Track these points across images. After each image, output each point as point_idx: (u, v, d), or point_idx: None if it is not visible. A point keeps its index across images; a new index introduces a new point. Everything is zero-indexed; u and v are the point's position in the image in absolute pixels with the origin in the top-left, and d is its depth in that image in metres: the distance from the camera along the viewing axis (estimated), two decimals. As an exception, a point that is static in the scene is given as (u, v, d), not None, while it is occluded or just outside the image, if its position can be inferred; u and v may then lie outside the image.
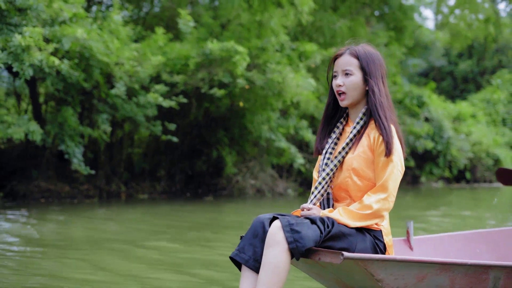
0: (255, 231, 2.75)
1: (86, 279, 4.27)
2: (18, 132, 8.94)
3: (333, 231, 2.73)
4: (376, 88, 2.88)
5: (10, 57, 8.36)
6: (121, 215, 9.18)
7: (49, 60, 8.55)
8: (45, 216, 8.60)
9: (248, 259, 2.70)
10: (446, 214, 9.96)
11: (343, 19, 15.78)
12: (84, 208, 9.95)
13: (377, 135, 2.85)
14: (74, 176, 11.74)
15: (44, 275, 4.37)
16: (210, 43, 10.78)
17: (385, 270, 2.68)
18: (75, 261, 4.99)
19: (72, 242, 6.25)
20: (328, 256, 2.65)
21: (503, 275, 2.92)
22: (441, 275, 2.79)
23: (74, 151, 9.98)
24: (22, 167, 11.72)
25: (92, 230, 7.16)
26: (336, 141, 3.00)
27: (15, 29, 8.78)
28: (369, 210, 2.78)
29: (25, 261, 5.05)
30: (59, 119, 10.04)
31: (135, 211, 9.75)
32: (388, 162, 2.81)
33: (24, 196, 10.99)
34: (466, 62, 30.35)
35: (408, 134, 17.45)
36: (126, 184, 12.45)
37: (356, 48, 2.93)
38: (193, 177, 13.29)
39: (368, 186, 2.87)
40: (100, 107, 10.48)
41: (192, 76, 10.98)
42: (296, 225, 2.65)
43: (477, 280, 2.87)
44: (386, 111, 2.88)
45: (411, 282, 2.75)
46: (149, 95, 10.30)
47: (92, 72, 10.00)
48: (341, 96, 2.92)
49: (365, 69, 2.89)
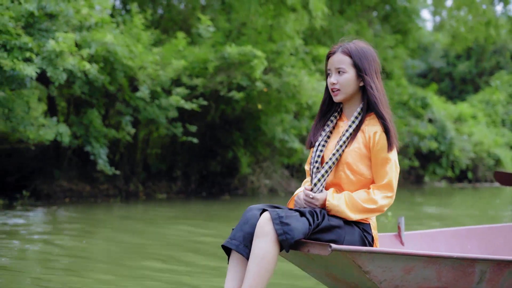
0: (245, 220, 2.80)
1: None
2: (49, 134, 9.26)
3: (323, 224, 2.78)
4: (372, 84, 2.92)
5: (44, 62, 8.69)
6: (161, 213, 9.49)
7: (81, 64, 8.88)
8: (91, 215, 8.95)
9: (238, 244, 2.74)
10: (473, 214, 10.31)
11: (350, 23, 16.17)
12: (120, 207, 10.28)
13: (372, 133, 2.90)
14: (94, 176, 12.07)
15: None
16: (229, 47, 11.14)
17: (373, 262, 2.71)
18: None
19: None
20: (316, 248, 2.70)
21: (489, 268, 2.95)
22: (428, 268, 2.82)
23: (100, 152, 10.31)
24: (42, 167, 12.05)
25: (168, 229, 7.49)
26: (329, 135, 3.04)
27: (46, 35, 9.11)
28: (374, 205, 2.84)
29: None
30: (85, 121, 10.37)
31: (174, 209, 10.13)
32: (388, 159, 2.87)
33: (47, 195, 11.31)
34: (464, 64, 30.82)
35: (413, 135, 17.87)
36: (143, 184, 12.79)
37: (348, 45, 2.95)
38: (207, 177, 13.64)
39: (361, 180, 2.92)
40: (123, 109, 10.81)
41: (211, 79, 11.33)
42: (285, 217, 2.69)
43: (463, 273, 2.90)
44: (385, 107, 2.94)
45: (398, 274, 2.78)
46: (171, 97, 10.64)
47: (116, 76, 10.33)
48: (335, 92, 2.95)
49: (358, 66, 2.92)
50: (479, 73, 30.74)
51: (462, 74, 30.80)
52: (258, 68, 10.95)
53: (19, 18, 8.93)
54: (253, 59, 10.91)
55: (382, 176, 2.87)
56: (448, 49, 27.50)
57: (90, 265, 4.94)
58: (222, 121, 13.00)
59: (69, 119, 10.84)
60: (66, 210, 9.34)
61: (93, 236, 6.83)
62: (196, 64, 11.39)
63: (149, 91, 10.38)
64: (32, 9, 8.86)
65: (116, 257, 5.35)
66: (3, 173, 12.09)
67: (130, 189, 12.36)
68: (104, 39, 9.27)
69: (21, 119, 8.96)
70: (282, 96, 11.89)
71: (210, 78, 11.34)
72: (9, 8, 8.87)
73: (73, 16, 9.30)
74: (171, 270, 4.74)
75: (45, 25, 9.33)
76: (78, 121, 10.43)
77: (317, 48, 12.50)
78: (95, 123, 10.33)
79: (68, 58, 8.63)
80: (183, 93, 10.90)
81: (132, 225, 7.85)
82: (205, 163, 13.44)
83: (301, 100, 11.57)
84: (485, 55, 30.48)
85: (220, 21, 12.46)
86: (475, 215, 9.95)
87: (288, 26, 11.74)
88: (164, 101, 10.71)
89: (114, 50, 9.88)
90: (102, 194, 11.92)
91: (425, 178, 19.48)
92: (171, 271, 4.70)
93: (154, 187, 12.98)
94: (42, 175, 11.81)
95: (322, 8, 12.05)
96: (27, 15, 8.95)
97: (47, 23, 9.35)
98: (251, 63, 10.94)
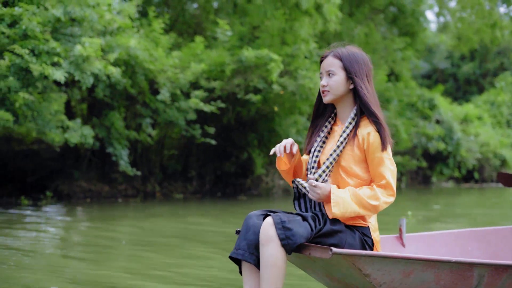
0: (247, 227, 2.85)
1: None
2: (74, 136, 9.51)
3: (324, 229, 2.83)
4: (362, 85, 2.96)
5: (72, 66, 8.94)
6: (193, 211, 9.76)
7: (107, 69, 9.13)
8: (124, 214, 9.21)
9: (243, 253, 2.80)
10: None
11: (360, 25, 16.43)
12: (145, 206, 10.54)
13: (365, 134, 2.93)
14: (112, 176, 12.33)
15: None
16: (246, 50, 11.39)
17: (372, 265, 2.75)
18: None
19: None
20: (318, 251, 2.76)
21: (487, 272, 2.98)
22: (427, 271, 2.86)
23: (121, 153, 10.56)
24: (60, 168, 12.30)
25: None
26: (324, 140, 3.07)
27: (72, 39, 9.36)
28: (377, 202, 2.86)
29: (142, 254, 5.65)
30: (106, 123, 10.62)
31: (204, 207, 10.38)
32: (384, 159, 2.89)
33: (68, 196, 11.57)
34: (468, 65, 31.08)
35: (421, 136, 18.13)
36: (160, 184, 13.05)
37: (340, 49, 3.01)
38: (222, 177, 13.90)
39: (357, 183, 2.95)
40: (143, 111, 11.07)
41: (228, 82, 11.59)
42: (288, 222, 2.74)
43: (461, 277, 2.94)
44: (376, 107, 2.97)
45: (398, 278, 2.82)
46: (190, 100, 10.90)
47: (137, 79, 10.59)
48: (324, 93, 3.00)
49: (348, 69, 2.96)
50: (483, 74, 31.02)
51: (466, 75, 31.07)
52: (274, 71, 11.21)
53: (46, 23, 9.18)
54: (270, 63, 11.17)
55: (380, 176, 2.90)
56: (453, 50, 27.72)
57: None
58: (237, 122, 13.26)
59: (90, 121, 11.09)
60: (94, 210, 9.61)
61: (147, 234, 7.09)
62: (213, 67, 11.65)
63: (169, 93, 10.64)
64: (59, 14, 9.12)
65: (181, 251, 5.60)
66: (21, 174, 12.32)
67: (148, 190, 12.62)
68: (128, 44, 9.51)
69: (47, 122, 9.21)
70: (297, 98, 12.14)
71: (227, 81, 11.60)
72: (35, 14, 9.12)
73: (97, 21, 9.55)
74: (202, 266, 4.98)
75: (70, 30, 9.59)
76: (100, 123, 10.69)
77: (330, 51, 12.75)
78: (117, 125, 10.59)
79: (95, 63, 8.88)
80: (201, 95, 11.16)
81: (171, 223, 8.10)
82: (220, 164, 13.70)
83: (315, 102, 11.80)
84: (489, 56, 30.75)
85: (236, 24, 12.71)
86: (507, 214, 10.13)
87: (303, 30, 11.99)
88: (183, 103, 10.97)
89: (135, 54, 10.14)
90: (120, 194, 12.18)
91: (433, 178, 19.74)
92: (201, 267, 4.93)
93: (170, 187, 13.23)
94: (61, 176, 12.06)
95: (335, 12, 12.30)
96: (54, 20, 9.20)
97: (72, 28, 9.61)
98: (268, 66, 11.19)
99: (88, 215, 9.08)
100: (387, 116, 16.18)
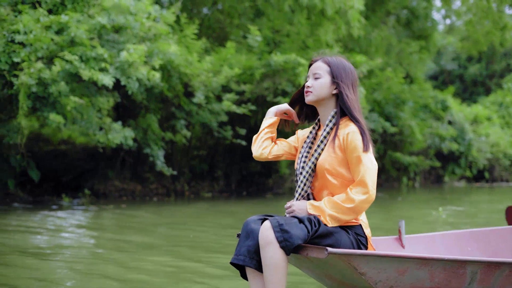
0: (246, 232, 2.96)
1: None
2: (117, 138, 10.00)
3: (320, 230, 2.92)
4: (347, 91, 3.07)
5: (118, 71, 9.43)
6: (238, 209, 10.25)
7: (150, 74, 9.62)
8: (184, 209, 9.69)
9: (244, 258, 2.91)
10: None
11: (376, 29, 16.93)
12: (182, 204, 11.03)
13: (345, 135, 3.02)
14: (144, 176, 12.83)
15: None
16: (274, 55, 11.89)
17: (367, 264, 2.83)
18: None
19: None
20: (314, 251, 2.85)
21: (479, 269, 3.05)
22: (421, 269, 2.92)
23: (158, 154, 11.05)
24: (92, 168, 12.78)
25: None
26: (310, 145, 3.17)
27: (117, 46, 9.85)
28: (351, 204, 2.93)
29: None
30: (143, 125, 11.12)
31: (246, 205, 10.86)
32: (362, 158, 2.96)
33: (104, 194, 12.06)
34: (475, 66, 31.60)
35: (434, 137, 18.64)
36: (188, 183, 13.55)
37: (329, 57, 3.15)
38: (247, 177, 14.41)
39: (343, 183, 3.04)
40: (177, 113, 11.56)
41: (257, 85, 12.09)
42: (285, 225, 2.84)
43: (455, 274, 3.01)
44: (358, 112, 3.07)
45: (393, 276, 2.89)
46: (223, 102, 11.39)
47: (172, 82, 11.09)
48: (307, 93, 3.11)
49: (334, 74, 3.08)
50: (490, 75, 31.54)
51: (473, 76, 31.59)
52: (302, 75, 11.70)
53: (92, 30, 9.67)
54: (298, 67, 11.67)
55: (357, 175, 2.98)
56: (461, 52, 28.20)
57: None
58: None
59: (126, 123, 11.58)
60: (139, 208, 10.06)
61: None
62: (243, 71, 12.15)
63: (204, 96, 11.13)
64: (104, 22, 9.61)
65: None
66: (54, 174, 12.77)
67: (177, 188, 13.12)
68: (168, 50, 10.00)
69: (92, 124, 9.69)
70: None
71: (257, 84, 12.10)
72: (80, 21, 9.61)
73: (139, 28, 10.04)
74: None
75: (112, 36, 10.08)
76: (136, 125, 11.17)
77: (353, 56, 13.24)
78: (153, 127, 11.08)
79: (141, 68, 9.36)
80: (232, 98, 11.66)
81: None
82: (245, 164, 14.20)
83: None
84: (496, 57, 31.27)
85: (264, 30, 13.20)
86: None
87: (328, 35, 12.48)
88: (216, 106, 11.46)
89: (170, 59, 10.63)
90: (152, 193, 12.67)
91: (445, 178, 20.27)
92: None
93: (198, 186, 13.74)
94: (95, 175, 12.55)
95: (358, 18, 12.80)
96: (100, 28, 9.69)
97: (114, 35, 10.09)
98: (296, 70, 11.69)
99: (159, 214, 9.46)
100: (403, 117, 16.68)
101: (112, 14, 9.92)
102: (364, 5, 15.75)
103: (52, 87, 8.99)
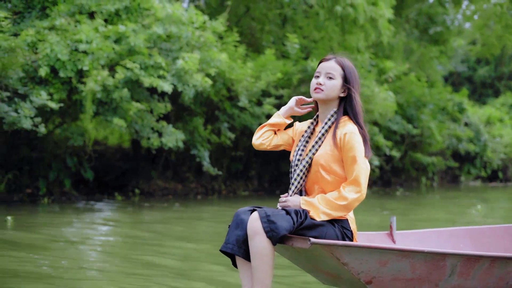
0: (236, 223, 3.11)
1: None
2: (170, 140, 10.65)
3: (306, 223, 3.06)
4: (356, 95, 3.22)
5: (175, 79, 10.10)
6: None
7: (204, 80, 10.29)
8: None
9: (232, 247, 3.07)
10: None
11: (398, 34, 17.62)
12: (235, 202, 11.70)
13: (343, 134, 3.14)
14: (183, 175, 13.50)
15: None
16: (311, 61, 12.57)
17: (349, 255, 2.93)
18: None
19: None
20: (299, 241, 2.99)
21: (459, 262, 3.14)
22: (402, 261, 3.02)
23: (204, 155, 11.72)
24: (133, 168, 13.42)
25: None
26: (307, 140, 3.30)
27: (171, 54, 10.51)
28: (344, 202, 3.06)
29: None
30: (190, 128, 11.79)
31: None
32: (357, 158, 3.09)
33: (149, 193, 12.72)
34: (484, 68, 32.29)
35: (452, 137, 19.36)
36: (224, 182, 14.23)
37: (341, 58, 3.25)
38: (278, 177, 15.09)
39: (336, 180, 3.16)
40: (221, 117, 12.24)
41: (295, 90, 12.77)
42: (272, 216, 2.99)
43: (435, 266, 3.08)
44: (361, 118, 3.22)
45: (374, 267, 2.99)
46: (264, 106, 12.07)
47: (217, 88, 11.76)
48: (317, 90, 3.22)
49: (346, 78, 3.20)
50: (499, 77, 32.24)
51: (482, 78, 32.27)
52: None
53: (149, 40, 10.34)
54: (333, 72, 12.34)
55: (350, 174, 3.10)
56: (472, 55, 28.86)
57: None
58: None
59: (174, 126, 12.26)
60: (193, 205, 10.71)
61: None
62: (281, 76, 12.82)
63: (247, 101, 11.81)
64: (160, 32, 10.27)
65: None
66: (95, 174, 13.33)
67: (215, 188, 13.79)
68: (219, 58, 10.68)
69: (148, 127, 10.34)
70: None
71: (294, 89, 12.78)
72: (135, 31, 10.27)
73: (190, 37, 10.70)
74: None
75: (164, 45, 10.73)
76: (183, 127, 11.84)
77: (383, 61, 13.92)
78: (199, 129, 11.76)
79: (196, 75, 10.03)
80: (272, 102, 12.34)
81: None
82: (277, 164, 14.87)
83: (373, 109, 13.00)
84: (504, 59, 31.95)
85: (299, 37, 13.87)
86: None
87: (359, 42, 13.16)
88: (257, 109, 12.14)
89: (216, 66, 11.29)
90: (192, 192, 13.34)
91: (461, 177, 20.99)
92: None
93: (233, 185, 14.42)
94: (138, 175, 13.19)
95: (388, 26, 13.48)
96: (156, 37, 10.36)
97: (166, 43, 10.75)
98: (331, 76, 12.36)
99: (220, 211, 10.10)
100: (424, 119, 17.36)
101: (166, 23, 10.57)
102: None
103: (114, 93, 9.65)
